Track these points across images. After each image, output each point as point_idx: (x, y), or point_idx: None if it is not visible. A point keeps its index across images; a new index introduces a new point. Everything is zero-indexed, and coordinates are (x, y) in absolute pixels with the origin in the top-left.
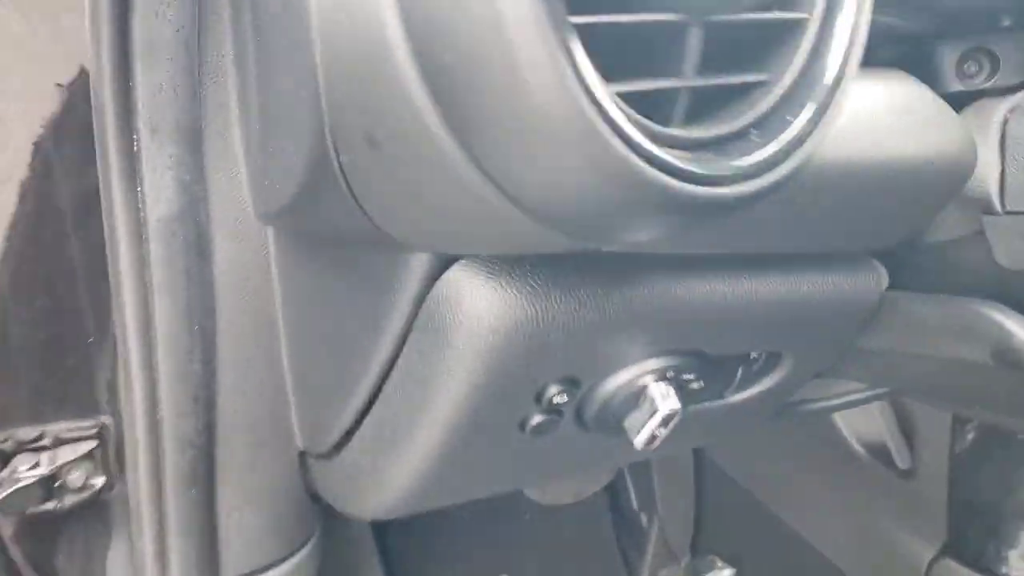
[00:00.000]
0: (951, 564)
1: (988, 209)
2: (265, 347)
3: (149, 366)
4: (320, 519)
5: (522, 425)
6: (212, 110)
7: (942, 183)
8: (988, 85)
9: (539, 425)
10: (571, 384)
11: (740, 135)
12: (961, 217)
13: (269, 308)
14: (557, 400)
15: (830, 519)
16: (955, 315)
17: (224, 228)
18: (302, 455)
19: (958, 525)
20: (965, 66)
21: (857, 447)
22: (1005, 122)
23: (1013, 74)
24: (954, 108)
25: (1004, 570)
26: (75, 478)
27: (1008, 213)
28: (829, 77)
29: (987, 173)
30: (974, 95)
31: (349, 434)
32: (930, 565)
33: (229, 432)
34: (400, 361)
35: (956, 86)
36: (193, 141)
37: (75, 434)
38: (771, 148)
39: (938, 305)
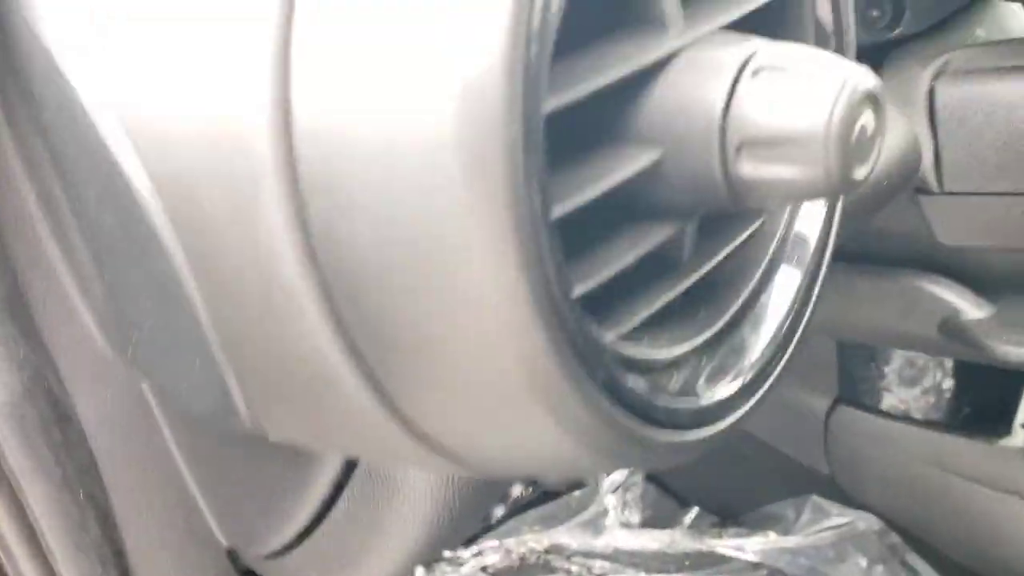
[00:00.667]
0: (844, 408)
1: (923, 188)
2: (165, 478)
3: (39, 554)
4: None
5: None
6: (22, 248)
7: (895, 186)
8: (895, 34)
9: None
10: None
11: (724, 335)
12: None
13: (158, 438)
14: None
15: None
16: (896, 289)
17: (83, 382)
18: (231, 553)
19: (846, 376)
20: (869, 12)
21: None
22: (932, 91)
23: (916, 19)
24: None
25: (882, 394)
26: None
27: (946, 193)
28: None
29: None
30: (883, 49)
31: (301, 538)
32: (827, 414)
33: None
34: (341, 502)
35: (861, 36)
36: (11, 301)
37: None
38: (758, 350)
39: (877, 278)
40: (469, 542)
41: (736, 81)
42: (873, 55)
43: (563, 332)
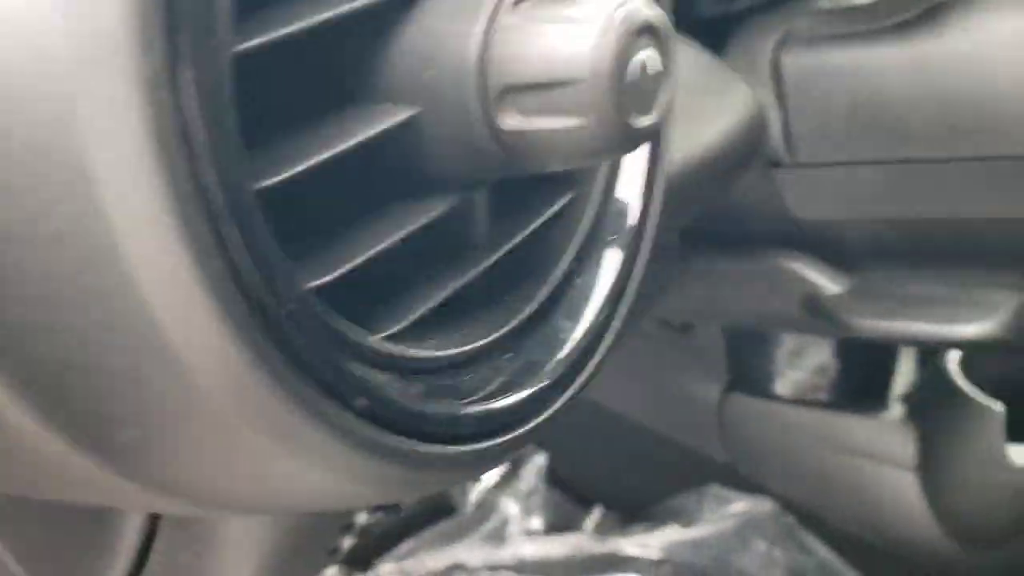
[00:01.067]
0: (736, 395)
1: (775, 161)
2: None
3: None
4: None
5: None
6: None
7: (741, 160)
8: (739, 5)
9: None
10: None
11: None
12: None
13: None
14: None
15: (624, 382)
16: (758, 269)
17: None
18: None
19: (736, 363)
20: None
21: None
22: (776, 61)
23: None
24: (715, 41)
25: (772, 379)
26: None
27: (798, 165)
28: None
29: (768, 121)
30: (728, 22)
31: None
32: (720, 402)
33: None
34: (155, 554)
35: (708, 8)
36: None
37: None
38: (574, 340)
39: (738, 259)
40: (365, 567)
41: (493, 18)
42: (718, 28)
43: (281, 346)
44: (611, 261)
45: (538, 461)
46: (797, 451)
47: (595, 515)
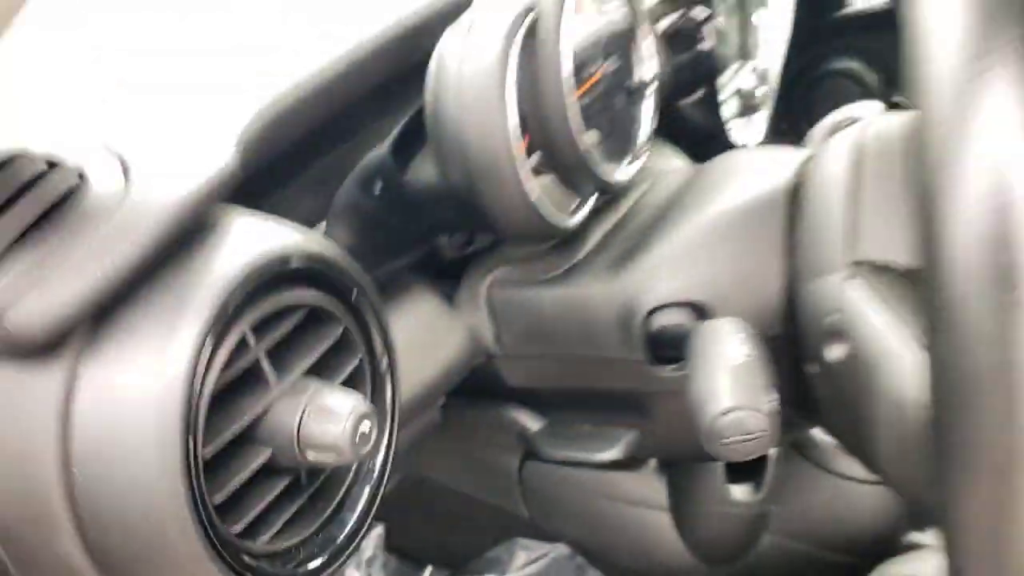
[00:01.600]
0: (531, 463)
1: (491, 354)
2: None
3: None
4: None
5: None
6: None
7: (463, 369)
8: (469, 251)
9: None
10: None
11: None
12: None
13: None
14: None
15: (442, 457)
16: (490, 417)
17: None
18: None
19: (532, 437)
20: (453, 237)
21: None
22: (489, 296)
23: (482, 240)
24: (453, 275)
25: (559, 446)
26: None
27: (505, 356)
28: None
29: (483, 331)
30: (464, 262)
31: None
32: (519, 468)
33: None
34: None
35: (449, 253)
36: None
37: None
38: (351, 524)
39: (481, 411)
40: None
41: (302, 415)
42: (457, 265)
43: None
44: (372, 478)
45: (377, 531)
46: (582, 504)
47: (427, 573)
